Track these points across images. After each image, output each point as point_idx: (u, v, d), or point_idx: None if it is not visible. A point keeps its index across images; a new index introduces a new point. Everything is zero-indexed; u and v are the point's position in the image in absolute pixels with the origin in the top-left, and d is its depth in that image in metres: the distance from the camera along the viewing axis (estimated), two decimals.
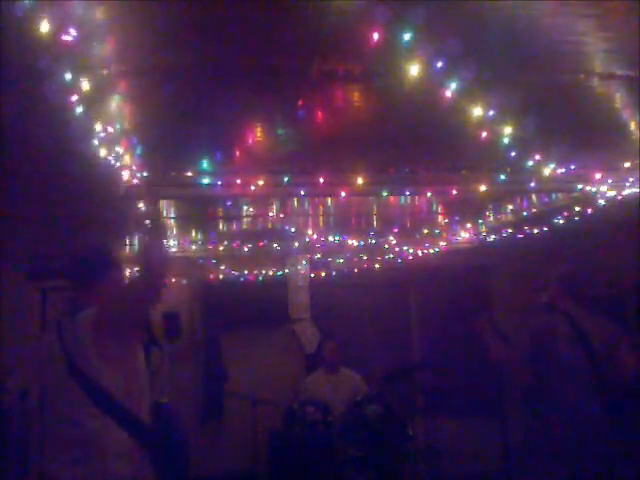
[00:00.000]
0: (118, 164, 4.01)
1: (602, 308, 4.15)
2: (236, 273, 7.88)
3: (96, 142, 3.48)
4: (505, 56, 2.93)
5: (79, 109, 3.01)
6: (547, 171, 4.42)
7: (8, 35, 2.33)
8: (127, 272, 3.84)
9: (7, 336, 6.11)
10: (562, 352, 3.73)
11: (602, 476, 3.58)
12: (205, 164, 4.22)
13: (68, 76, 2.73)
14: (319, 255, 7.52)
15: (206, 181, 4.34)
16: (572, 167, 4.54)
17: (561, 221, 5.81)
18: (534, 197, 5.40)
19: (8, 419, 5.46)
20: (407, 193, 5.06)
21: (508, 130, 3.63)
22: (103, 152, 3.66)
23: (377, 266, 8.01)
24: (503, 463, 6.55)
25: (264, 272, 7.94)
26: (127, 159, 4.02)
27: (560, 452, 3.63)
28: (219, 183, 4.40)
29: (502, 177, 4.63)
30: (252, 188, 4.43)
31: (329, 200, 5.29)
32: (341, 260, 7.81)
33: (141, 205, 5.00)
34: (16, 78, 2.68)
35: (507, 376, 6.40)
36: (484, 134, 3.65)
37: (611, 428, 3.68)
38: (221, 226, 6.21)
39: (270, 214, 5.74)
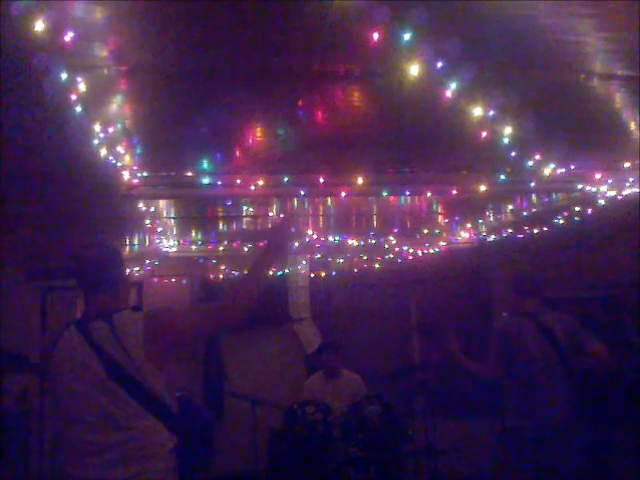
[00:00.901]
0: (118, 164, 4.01)
1: (601, 308, 4.19)
2: (236, 273, 7.88)
3: (96, 142, 3.48)
4: (505, 56, 2.93)
5: (79, 109, 3.00)
6: (547, 171, 4.42)
7: (6, 34, 2.33)
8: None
9: (7, 336, 6.11)
10: (529, 350, 3.84)
11: (579, 467, 3.67)
12: (205, 164, 4.22)
13: (67, 76, 2.72)
14: (319, 255, 7.53)
15: (206, 181, 4.34)
16: (572, 167, 4.53)
17: (561, 221, 5.81)
18: (534, 197, 5.40)
19: (8, 419, 5.46)
20: (407, 193, 5.06)
21: (508, 130, 3.63)
22: (103, 152, 3.66)
23: (377, 266, 8.01)
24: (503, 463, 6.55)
25: None
26: (127, 159, 4.02)
27: (536, 448, 3.70)
28: (219, 183, 4.39)
29: (502, 177, 4.64)
30: (252, 188, 4.43)
31: (329, 200, 5.29)
32: (341, 260, 7.81)
33: (141, 205, 5.01)
34: (15, 78, 2.68)
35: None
36: (484, 134, 3.65)
37: (582, 420, 3.77)
38: (221, 226, 6.21)
39: (270, 214, 5.74)
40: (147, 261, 7.27)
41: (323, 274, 8.00)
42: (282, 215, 5.01)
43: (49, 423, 2.68)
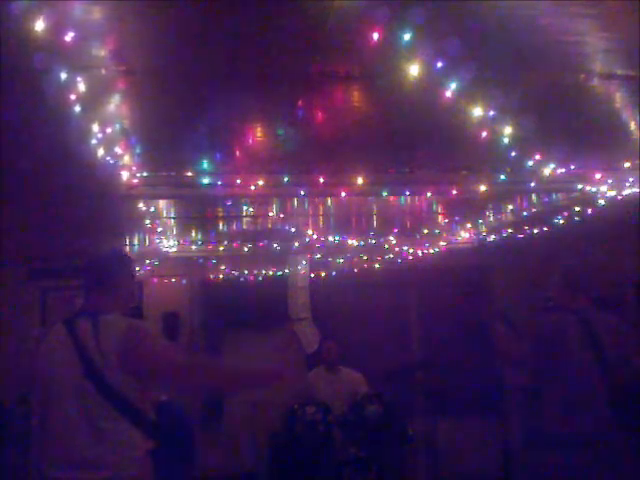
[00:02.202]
0: (118, 164, 4.01)
1: (601, 308, 4.12)
2: (236, 273, 7.88)
3: (95, 142, 3.48)
4: (505, 56, 2.93)
5: (78, 109, 3.00)
6: (547, 171, 4.42)
7: (6, 34, 2.33)
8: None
9: (7, 336, 6.12)
10: (572, 351, 3.64)
11: (610, 475, 3.54)
12: (205, 164, 4.22)
13: (66, 75, 2.72)
14: (319, 255, 7.52)
15: (206, 181, 4.34)
16: (572, 167, 4.53)
17: (561, 221, 5.81)
18: (534, 197, 5.40)
19: (8, 420, 5.46)
20: (407, 193, 5.06)
21: (508, 130, 3.62)
22: (102, 152, 3.65)
23: (377, 266, 8.01)
24: (503, 463, 6.56)
25: (264, 272, 7.94)
26: (127, 159, 4.02)
27: (567, 451, 3.57)
28: (219, 183, 4.39)
29: (502, 177, 4.63)
30: (252, 188, 4.43)
31: (329, 200, 5.29)
32: (341, 260, 7.81)
33: (141, 205, 5.01)
34: (14, 78, 2.68)
35: (508, 375, 6.41)
36: (484, 134, 3.65)
37: (620, 429, 3.62)
38: (221, 226, 6.21)
39: (270, 214, 5.74)
40: (147, 261, 7.27)
41: (323, 274, 8.00)
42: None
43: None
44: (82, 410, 2.41)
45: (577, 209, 5.44)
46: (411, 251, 7.48)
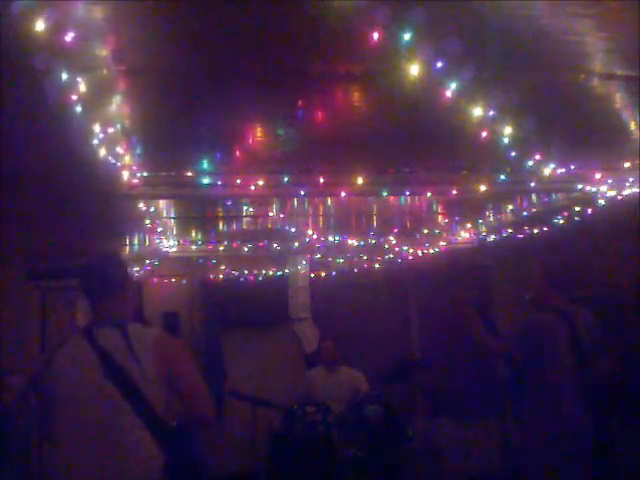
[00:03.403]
0: (118, 164, 4.01)
1: (601, 308, 4.13)
2: (236, 273, 7.88)
3: (96, 142, 3.48)
4: (505, 56, 2.93)
5: (78, 109, 3.00)
6: (547, 171, 4.42)
7: (7, 34, 2.33)
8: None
9: (7, 336, 6.11)
10: (555, 349, 3.70)
11: (589, 471, 3.59)
12: (205, 164, 4.22)
13: (67, 76, 2.72)
14: (319, 255, 7.53)
15: (206, 181, 4.34)
16: (572, 167, 4.54)
17: (561, 221, 5.81)
18: (534, 197, 5.40)
19: (9, 419, 5.46)
20: (407, 193, 5.06)
21: (508, 130, 3.63)
22: (103, 152, 3.65)
23: (377, 266, 8.01)
24: (503, 463, 6.56)
25: (264, 272, 7.94)
26: (127, 159, 4.02)
27: (550, 449, 3.62)
28: (219, 183, 4.40)
29: (502, 177, 4.64)
30: (252, 188, 4.44)
31: (329, 200, 5.29)
32: (341, 260, 7.82)
33: (141, 205, 5.01)
34: (15, 78, 2.68)
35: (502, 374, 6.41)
36: (484, 134, 3.65)
37: (596, 425, 3.67)
38: (221, 226, 6.22)
39: (270, 214, 5.75)
40: (147, 261, 7.27)
41: (323, 274, 8.01)
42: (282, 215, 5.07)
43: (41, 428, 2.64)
44: (104, 421, 2.38)
45: (577, 209, 5.44)
46: (411, 251, 7.48)
